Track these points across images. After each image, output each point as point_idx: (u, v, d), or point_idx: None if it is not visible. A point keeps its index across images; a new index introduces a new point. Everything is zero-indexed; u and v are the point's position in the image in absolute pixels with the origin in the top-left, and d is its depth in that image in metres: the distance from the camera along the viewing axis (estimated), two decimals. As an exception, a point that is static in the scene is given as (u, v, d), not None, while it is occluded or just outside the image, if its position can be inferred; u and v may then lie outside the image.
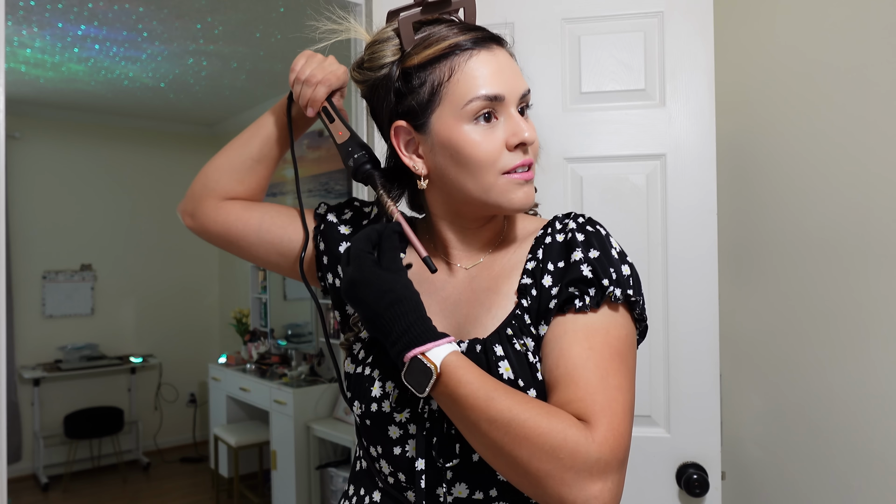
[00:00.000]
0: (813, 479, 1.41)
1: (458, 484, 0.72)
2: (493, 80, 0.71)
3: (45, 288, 4.75)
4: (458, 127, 0.72)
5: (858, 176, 1.35)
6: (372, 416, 0.76)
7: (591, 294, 0.70)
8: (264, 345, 4.51)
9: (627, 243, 1.38)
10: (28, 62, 3.72)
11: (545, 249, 0.76)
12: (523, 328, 0.73)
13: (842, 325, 1.37)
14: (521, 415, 0.62)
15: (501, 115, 0.73)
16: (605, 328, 0.70)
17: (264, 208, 0.91)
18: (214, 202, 0.91)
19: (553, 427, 0.61)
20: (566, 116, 1.41)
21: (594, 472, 0.61)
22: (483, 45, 0.73)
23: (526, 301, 0.74)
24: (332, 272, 0.87)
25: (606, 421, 0.64)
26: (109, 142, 5.08)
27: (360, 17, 1.79)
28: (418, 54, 0.73)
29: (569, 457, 0.61)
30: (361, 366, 0.79)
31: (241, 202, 0.91)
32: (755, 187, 1.51)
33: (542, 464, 0.61)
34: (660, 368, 1.36)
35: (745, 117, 1.53)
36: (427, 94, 0.73)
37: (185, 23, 3.19)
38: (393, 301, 0.67)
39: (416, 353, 0.66)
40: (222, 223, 0.90)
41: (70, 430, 4.47)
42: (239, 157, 0.91)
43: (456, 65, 0.72)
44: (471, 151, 0.71)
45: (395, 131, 0.76)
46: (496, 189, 0.72)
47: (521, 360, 0.71)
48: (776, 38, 1.48)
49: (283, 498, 3.59)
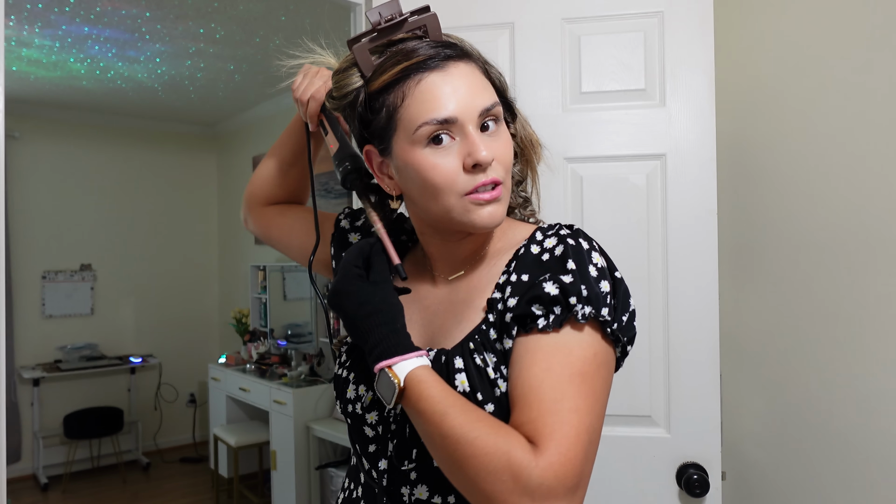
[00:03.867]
0: (813, 479, 1.41)
1: (420, 486, 0.75)
2: (443, 102, 0.69)
3: (44, 288, 4.75)
4: (413, 151, 0.71)
5: (859, 176, 1.35)
6: (349, 415, 0.81)
7: (555, 313, 0.68)
8: (264, 345, 4.51)
9: (627, 243, 1.38)
10: (28, 62, 3.72)
11: (518, 262, 0.74)
12: (486, 342, 0.72)
13: (842, 325, 1.37)
14: (469, 433, 0.62)
15: (458, 135, 0.70)
16: (567, 348, 0.67)
17: (297, 214, 1.01)
18: (259, 208, 1.04)
19: (499, 448, 0.61)
20: (566, 116, 1.41)
21: (536, 498, 0.59)
22: (435, 67, 0.71)
23: (493, 315, 0.73)
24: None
25: (554, 445, 0.61)
26: (109, 142, 5.08)
27: (360, 17, 1.79)
28: (376, 80, 0.73)
29: (511, 479, 0.60)
30: (342, 368, 0.84)
31: (279, 207, 1.02)
32: (755, 187, 1.51)
33: (487, 484, 0.61)
34: (660, 368, 1.36)
35: (745, 117, 1.53)
36: (384, 120, 0.73)
37: (188, 26, 3.21)
38: (369, 312, 0.71)
39: (382, 365, 0.68)
40: (264, 226, 1.03)
41: (70, 430, 4.47)
42: (274, 167, 1.01)
43: (407, 89, 0.71)
44: (426, 175, 0.71)
45: (367, 155, 0.79)
46: (456, 210, 0.71)
47: (480, 373, 0.71)
48: (776, 37, 1.48)
49: (283, 498, 3.59)
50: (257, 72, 4.02)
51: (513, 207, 0.86)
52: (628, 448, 1.36)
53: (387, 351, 0.68)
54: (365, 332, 0.70)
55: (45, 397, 4.63)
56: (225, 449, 4.17)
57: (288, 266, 4.38)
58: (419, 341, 0.79)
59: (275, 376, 3.96)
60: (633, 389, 1.36)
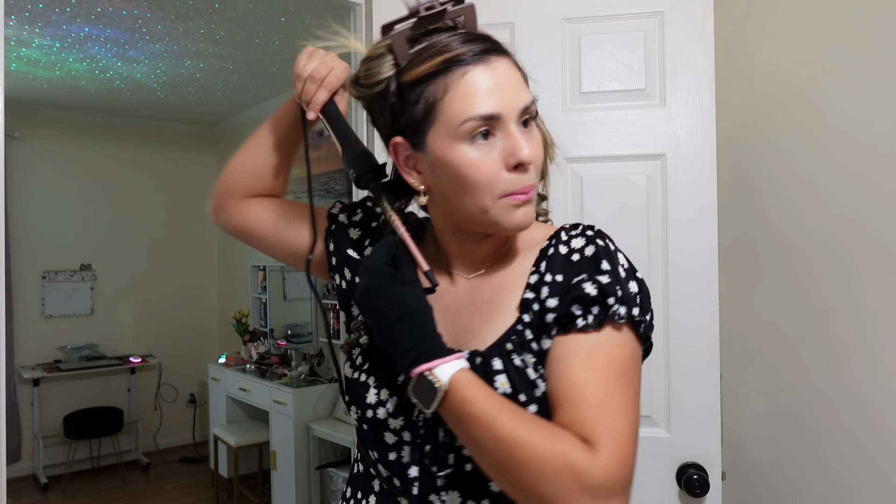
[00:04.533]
0: (813, 480, 1.41)
1: (451, 492, 0.72)
2: (489, 97, 0.67)
3: (44, 288, 4.75)
4: (453, 147, 0.68)
5: (859, 176, 1.35)
6: (368, 421, 0.76)
7: (594, 313, 0.68)
8: (264, 345, 4.51)
9: (627, 243, 1.37)
10: (28, 62, 3.72)
11: (549, 262, 0.74)
12: (524, 343, 0.71)
13: (842, 325, 1.37)
14: (524, 436, 0.61)
15: (500, 132, 0.69)
16: (608, 348, 0.68)
17: (282, 208, 0.92)
18: (237, 200, 0.93)
19: (557, 450, 0.61)
20: (566, 116, 1.41)
21: (598, 497, 0.60)
22: (480, 59, 0.69)
23: (528, 316, 0.72)
24: (338, 273, 0.87)
25: (610, 444, 0.62)
26: (109, 142, 5.08)
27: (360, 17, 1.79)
28: (413, 70, 0.70)
29: (572, 480, 0.60)
30: (358, 371, 0.79)
31: (262, 201, 0.93)
32: (755, 187, 1.51)
33: (546, 487, 0.60)
34: (660, 368, 1.36)
35: (745, 117, 1.53)
36: (422, 112, 0.70)
37: (189, 26, 3.21)
38: (404, 314, 0.67)
39: (422, 369, 0.65)
40: (242, 221, 0.93)
41: (70, 430, 4.47)
42: (258, 156, 0.92)
43: (450, 82, 0.68)
44: (467, 173, 0.68)
45: (394, 147, 0.74)
46: (493, 211, 0.70)
47: (520, 374, 0.70)
48: (776, 37, 1.48)
49: (283, 498, 3.59)
50: (257, 72, 4.02)
51: None
52: (628, 448, 1.36)
53: (425, 354, 0.66)
54: (398, 334, 0.67)
55: (45, 397, 4.63)
56: (225, 449, 4.17)
57: (288, 266, 4.38)
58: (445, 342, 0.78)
59: (275, 376, 3.96)
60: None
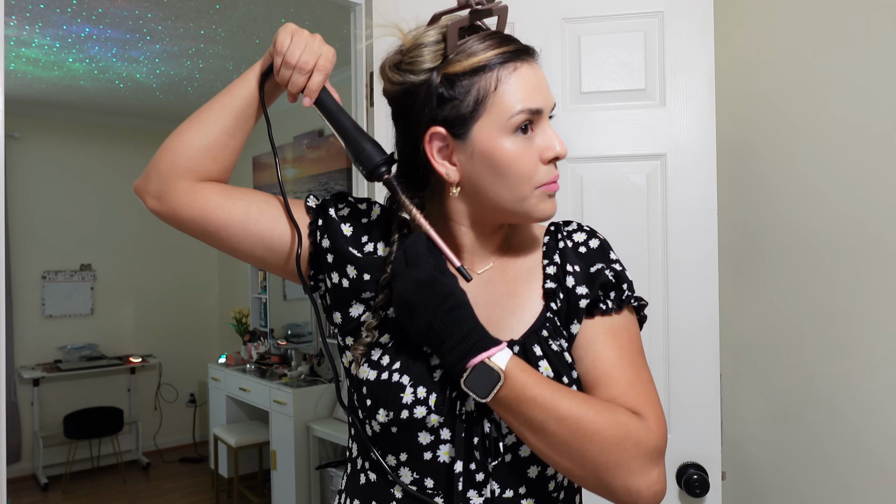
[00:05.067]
0: (813, 479, 1.41)
1: (489, 484, 0.73)
2: (535, 93, 0.73)
3: (44, 288, 4.75)
4: (499, 138, 0.72)
5: (859, 175, 1.35)
6: (401, 423, 0.73)
7: (612, 297, 0.77)
8: (264, 345, 4.51)
9: (627, 243, 1.38)
10: (28, 62, 3.72)
11: (562, 254, 0.80)
12: (556, 329, 0.77)
13: (842, 325, 1.37)
14: (587, 412, 0.67)
15: (537, 127, 0.74)
16: (626, 328, 0.77)
17: (249, 196, 0.82)
18: (187, 184, 0.80)
19: (618, 421, 0.68)
20: (566, 116, 1.41)
21: (654, 458, 0.68)
22: (525, 59, 0.74)
23: (555, 304, 0.77)
24: (337, 272, 0.81)
25: (654, 411, 0.72)
26: (109, 142, 5.08)
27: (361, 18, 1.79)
28: (462, 62, 0.72)
29: (634, 446, 0.67)
30: (387, 372, 0.74)
31: (221, 187, 0.82)
32: (755, 187, 1.51)
33: (612, 455, 0.67)
34: (660, 368, 1.36)
35: (745, 117, 1.53)
36: (472, 103, 0.72)
37: (189, 27, 3.22)
38: (454, 306, 0.68)
39: (481, 358, 0.67)
40: (199, 209, 0.80)
41: (70, 430, 4.47)
42: (212, 133, 0.81)
43: (502, 76, 0.72)
44: (511, 164, 0.73)
45: (431, 137, 0.74)
46: (530, 201, 0.75)
47: (559, 358, 0.75)
48: (776, 38, 1.48)
49: (283, 498, 3.59)
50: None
51: None
52: (628, 448, 1.36)
53: (478, 344, 0.67)
54: (449, 325, 0.68)
55: (45, 397, 4.63)
56: (225, 449, 4.17)
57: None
58: None
59: (275, 376, 3.96)
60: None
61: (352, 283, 0.81)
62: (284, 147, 4.55)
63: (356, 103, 1.78)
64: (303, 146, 4.35)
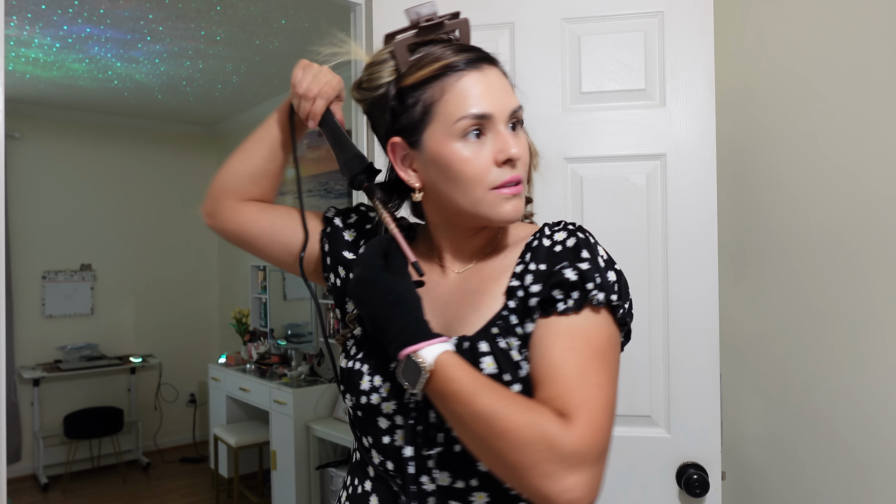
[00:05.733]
0: (813, 480, 1.41)
1: (441, 472, 0.77)
2: (481, 99, 0.75)
3: (44, 288, 4.75)
4: (448, 144, 0.75)
5: (859, 176, 1.35)
6: (362, 407, 0.81)
7: (574, 297, 0.74)
8: (264, 345, 4.51)
9: (627, 243, 1.38)
10: (28, 62, 3.72)
11: (533, 253, 0.80)
12: (508, 327, 0.77)
13: (842, 325, 1.37)
14: (502, 410, 0.66)
15: (490, 132, 0.76)
16: (586, 329, 0.73)
17: (277, 211, 0.96)
18: (232, 203, 0.97)
19: (532, 421, 0.65)
20: (566, 116, 1.41)
21: (571, 464, 0.64)
22: (473, 66, 0.76)
23: (513, 302, 0.78)
24: (333, 273, 0.92)
25: (584, 415, 0.67)
26: (109, 142, 5.08)
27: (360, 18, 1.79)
28: (412, 75, 0.77)
29: (546, 449, 0.64)
30: (353, 361, 0.84)
31: (257, 204, 0.97)
32: (755, 187, 1.51)
33: (522, 456, 0.65)
34: (660, 368, 1.36)
35: (745, 117, 1.53)
36: (420, 113, 0.77)
37: (190, 27, 3.22)
38: (393, 301, 0.73)
39: (409, 350, 0.71)
40: (239, 224, 0.96)
41: (70, 430, 4.47)
42: (251, 161, 0.97)
43: (447, 85, 0.76)
44: (460, 168, 0.75)
45: (392, 147, 0.81)
46: (485, 203, 0.76)
47: (505, 356, 0.75)
48: (776, 38, 1.48)
49: (283, 498, 3.59)
50: (256, 73, 4.03)
51: None
52: (628, 448, 1.36)
53: (412, 337, 0.71)
54: (388, 320, 0.73)
55: (45, 397, 4.63)
56: (225, 449, 4.17)
57: (288, 266, 4.38)
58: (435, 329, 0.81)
59: (275, 376, 3.96)
60: (633, 389, 1.36)
61: (343, 283, 0.91)
62: (284, 147, 4.54)
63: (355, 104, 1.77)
64: (303, 147, 4.35)
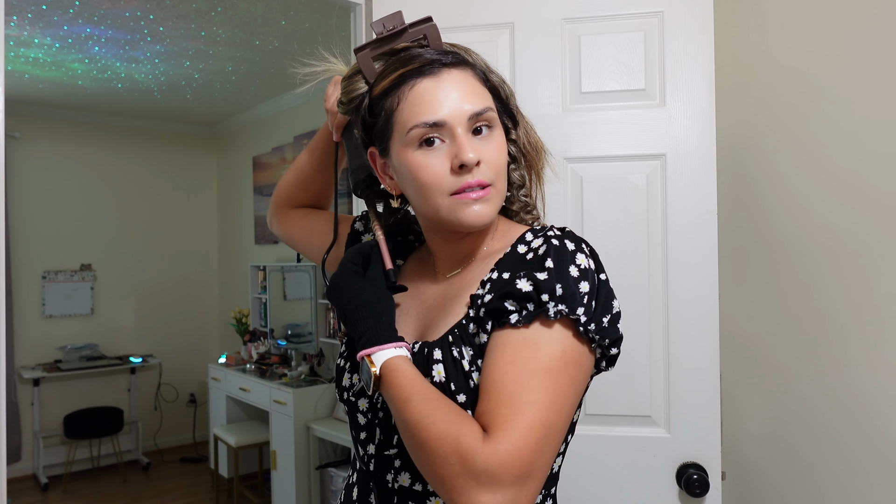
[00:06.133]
0: (813, 480, 1.41)
1: (404, 473, 0.78)
2: (433, 106, 0.74)
3: (44, 288, 4.75)
4: (406, 153, 0.76)
5: (859, 176, 1.35)
6: (345, 403, 0.86)
7: (528, 309, 0.69)
8: (264, 345, 4.51)
9: (627, 243, 1.38)
10: (28, 62, 3.72)
11: (502, 260, 0.76)
12: (465, 336, 0.74)
13: (842, 326, 1.37)
14: (425, 419, 0.66)
15: (447, 138, 0.74)
16: (535, 344, 0.68)
17: (316, 216, 1.06)
18: (285, 210, 1.10)
19: (449, 433, 0.64)
20: (566, 116, 1.41)
21: (481, 483, 0.61)
22: (429, 73, 0.75)
23: (473, 311, 0.75)
24: None
25: (504, 434, 0.63)
26: (109, 142, 5.08)
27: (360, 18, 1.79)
28: (377, 86, 0.79)
29: (458, 463, 0.63)
30: (341, 358, 0.88)
31: (303, 210, 1.08)
32: (755, 187, 1.51)
33: (437, 467, 0.64)
34: (660, 368, 1.36)
35: (745, 117, 1.53)
36: (383, 123, 0.78)
37: (191, 28, 3.22)
38: (358, 305, 0.77)
39: (362, 354, 0.74)
40: (289, 228, 1.09)
41: (70, 430, 4.47)
42: (302, 173, 1.07)
43: (402, 94, 0.76)
44: (417, 175, 0.75)
45: (371, 156, 0.84)
46: (444, 209, 0.75)
47: (456, 365, 0.73)
48: (776, 38, 1.48)
49: (283, 498, 3.59)
50: (256, 74, 4.03)
51: (515, 211, 0.87)
52: (628, 448, 1.36)
53: (369, 341, 0.74)
54: (353, 322, 0.77)
55: (45, 397, 4.63)
56: (225, 449, 4.17)
57: (288, 266, 4.38)
58: (413, 334, 0.83)
59: (275, 376, 3.96)
60: (633, 389, 1.36)
61: None
62: (284, 147, 4.55)
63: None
64: (303, 146, 4.34)
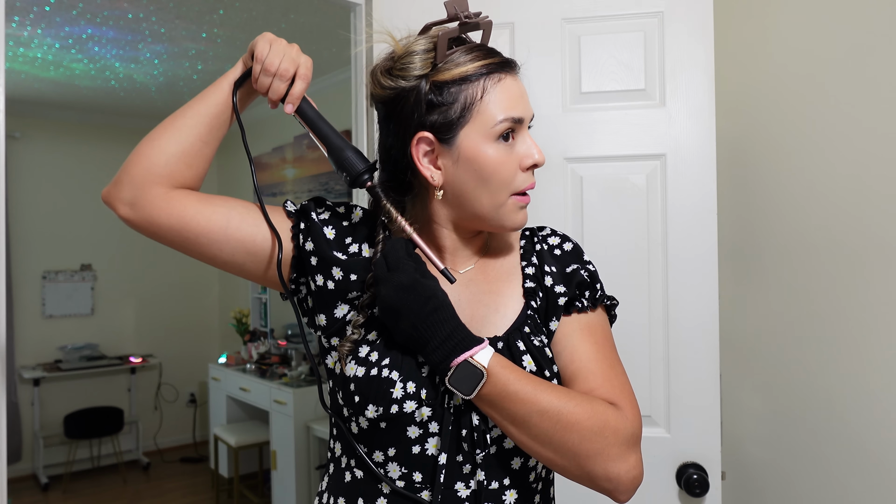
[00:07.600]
0: (813, 479, 1.41)
1: (477, 475, 0.75)
2: (518, 103, 0.77)
3: (45, 288, 4.75)
4: (483, 144, 0.76)
5: (858, 176, 1.35)
6: (390, 417, 0.74)
7: (587, 296, 0.82)
8: (264, 345, 4.51)
9: (627, 243, 1.38)
10: (28, 62, 3.72)
11: (539, 256, 0.85)
12: (537, 326, 0.80)
13: (842, 325, 1.37)
14: (567, 404, 0.71)
15: (517, 136, 0.78)
16: (601, 325, 0.82)
17: (229, 203, 0.82)
18: (163, 190, 0.79)
19: (596, 411, 0.72)
20: (566, 116, 1.41)
21: (631, 445, 0.72)
22: (509, 70, 0.78)
23: (535, 302, 0.82)
24: (322, 275, 0.81)
25: (628, 401, 0.76)
26: (109, 142, 5.08)
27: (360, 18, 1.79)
28: (451, 70, 0.76)
29: (612, 434, 0.71)
30: (376, 368, 0.75)
31: (197, 194, 0.82)
32: (755, 187, 1.51)
33: (592, 444, 0.70)
34: (660, 368, 1.36)
35: (745, 117, 1.53)
36: (459, 110, 0.76)
37: (191, 28, 3.22)
38: (436, 307, 0.71)
39: (464, 357, 0.70)
40: (178, 216, 0.79)
41: (70, 430, 4.47)
42: (187, 139, 0.81)
43: (488, 85, 0.76)
44: (494, 170, 0.76)
45: (418, 141, 0.77)
46: (505, 208, 0.78)
47: (541, 353, 0.78)
48: (776, 38, 1.48)
49: (283, 498, 3.59)
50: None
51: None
52: (628, 448, 1.36)
53: (461, 343, 0.71)
54: (432, 326, 0.71)
55: (46, 397, 4.63)
56: (225, 449, 4.17)
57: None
58: None
59: (275, 376, 3.96)
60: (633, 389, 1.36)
61: (337, 285, 0.81)
62: (285, 147, 4.54)
63: (356, 103, 1.78)
64: (303, 146, 4.35)
